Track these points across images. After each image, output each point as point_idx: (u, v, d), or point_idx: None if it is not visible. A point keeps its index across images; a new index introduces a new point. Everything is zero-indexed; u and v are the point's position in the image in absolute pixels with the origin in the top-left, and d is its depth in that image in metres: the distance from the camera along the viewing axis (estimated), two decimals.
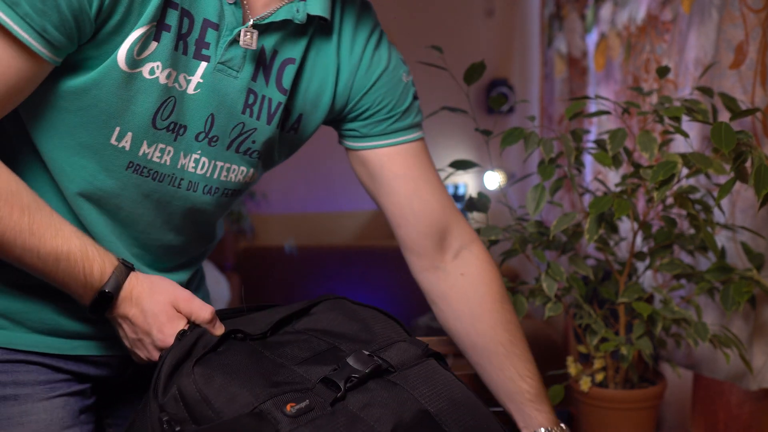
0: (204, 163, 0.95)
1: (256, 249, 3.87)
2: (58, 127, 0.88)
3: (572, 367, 1.52)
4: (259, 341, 0.90)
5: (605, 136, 1.42)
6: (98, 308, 0.89)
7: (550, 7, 3.10)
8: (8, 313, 0.94)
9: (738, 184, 1.30)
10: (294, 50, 0.96)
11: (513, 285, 1.52)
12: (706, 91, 1.45)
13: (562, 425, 1.11)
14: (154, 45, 0.85)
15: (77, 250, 0.86)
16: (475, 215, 1.62)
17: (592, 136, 2.35)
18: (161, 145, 0.91)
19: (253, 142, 0.97)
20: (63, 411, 0.97)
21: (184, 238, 1.02)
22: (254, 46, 0.90)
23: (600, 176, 2.26)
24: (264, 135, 0.97)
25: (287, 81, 0.96)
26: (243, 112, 0.94)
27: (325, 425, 0.78)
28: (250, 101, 0.94)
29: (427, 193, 1.08)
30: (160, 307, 0.90)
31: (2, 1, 0.76)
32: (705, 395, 1.76)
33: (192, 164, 0.94)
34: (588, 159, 2.37)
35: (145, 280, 0.91)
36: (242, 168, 0.99)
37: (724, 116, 1.42)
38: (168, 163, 0.92)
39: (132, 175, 0.91)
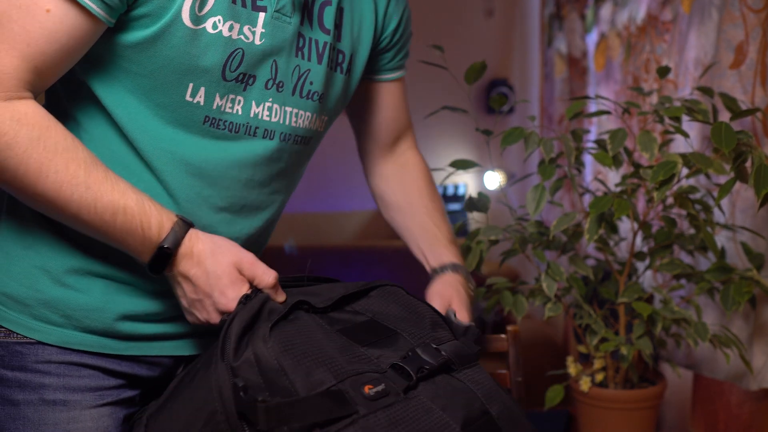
0: (276, 110, 0.97)
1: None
2: (135, 92, 0.89)
3: (572, 367, 1.52)
4: (322, 315, 0.89)
5: (605, 136, 1.42)
6: (157, 265, 0.87)
7: (550, 7, 3.10)
8: (65, 311, 0.94)
9: (738, 184, 1.30)
10: None
11: (513, 285, 1.52)
12: (706, 91, 1.45)
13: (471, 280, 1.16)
14: (211, 1, 0.87)
15: (134, 205, 0.85)
16: (475, 215, 1.62)
17: (592, 136, 2.35)
18: (232, 96, 0.93)
19: (311, 83, 1.00)
20: (109, 419, 0.96)
21: (265, 194, 1.02)
22: None
23: (600, 176, 2.26)
24: (318, 75, 1.00)
25: (328, 21, 1.00)
26: (296, 55, 0.97)
27: (401, 412, 0.78)
28: (301, 44, 0.98)
29: (403, 116, 1.24)
30: (222, 269, 0.88)
31: None
32: (705, 395, 1.76)
33: (266, 112, 0.96)
34: (588, 159, 2.37)
35: (207, 238, 0.89)
36: (307, 113, 1.01)
37: (724, 116, 1.42)
38: (240, 113, 0.94)
39: (210, 129, 0.93)
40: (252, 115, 0.95)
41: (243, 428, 0.76)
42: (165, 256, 0.86)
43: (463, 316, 1.05)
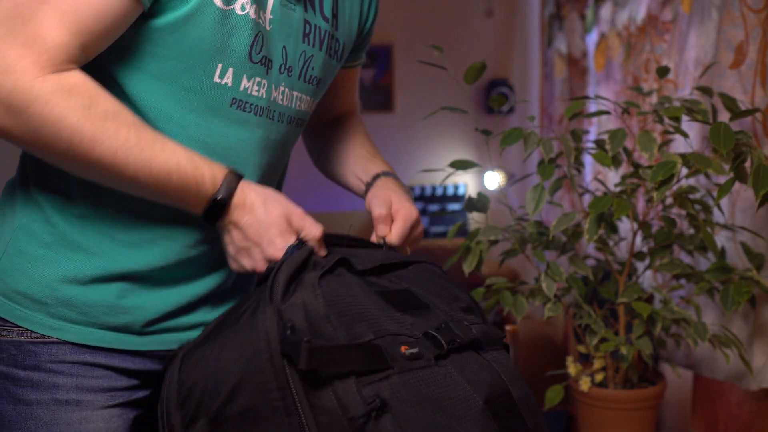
0: (287, 94, 1.00)
1: None
2: (162, 78, 0.90)
3: (572, 367, 1.52)
4: (361, 277, 0.91)
5: (605, 136, 1.42)
6: (211, 216, 0.90)
7: (550, 7, 3.10)
8: (83, 308, 0.94)
9: (737, 184, 1.30)
10: None
11: (513, 285, 1.52)
12: (706, 91, 1.45)
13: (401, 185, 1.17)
14: None
15: (186, 162, 0.87)
16: (475, 215, 1.62)
17: (591, 136, 2.35)
18: (257, 79, 0.95)
19: (313, 68, 1.03)
20: (120, 420, 0.97)
21: (274, 178, 1.06)
22: None
23: (600, 176, 2.26)
24: (319, 61, 1.04)
25: (327, 10, 1.03)
26: (303, 41, 1.00)
27: (431, 377, 0.81)
28: (307, 30, 1.00)
29: (354, 97, 1.28)
30: (273, 219, 0.91)
31: None
32: (705, 395, 1.76)
33: (281, 96, 0.99)
34: (588, 159, 2.37)
35: (258, 189, 0.92)
36: (307, 97, 1.05)
37: (724, 116, 1.42)
38: (264, 96, 0.97)
39: (236, 112, 0.94)
40: (272, 99, 0.98)
41: (284, 367, 0.78)
42: (219, 207, 0.89)
43: (404, 214, 1.09)
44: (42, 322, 0.93)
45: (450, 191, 4.22)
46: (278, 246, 0.90)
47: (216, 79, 0.91)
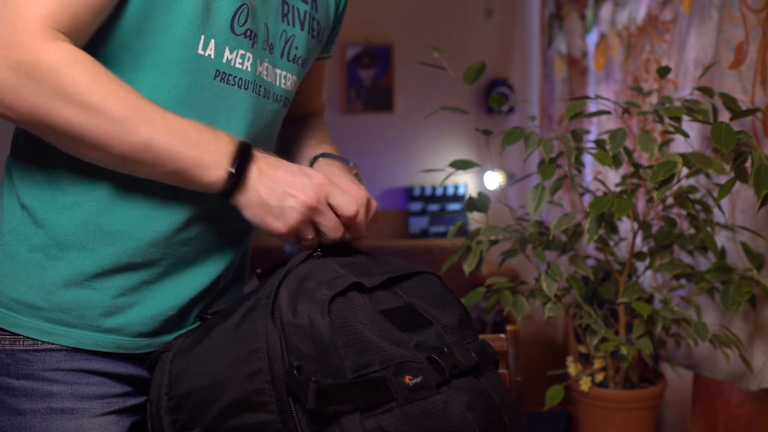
0: (271, 71, 0.99)
1: (256, 249, 3.86)
2: (149, 51, 0.89)
3: (572, 367, 1.52)
4: (368, 295, 0.89)
5: (605, 136, 1.42)
6: (242, 163, 0.87)
7: (550, 7, 3.10)
8: (79, 311, 0.92)
9: (738, 184, 1.30)
10: None
11: (513, 285, 1.52)
12: (706, 91, 1.45)
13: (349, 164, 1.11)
14: None
15: (199, 123, 0.87)
16: (475, 215, 1.62)
17: (592, 136, 2.35)
18: (241, 51, 0.94)
19: (296, 48, 1.03)
20: (116, 427, 0.95)
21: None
22: None
23: (600, 176, 2.26)
24: (301, 41, 1.03)
25: None
26: (282, 20, 1.00)
27: (432, 406, 0.81)
28: (285, 11, 1.00)
29: (321, 93, 1.27)
30: (307, 175, 0.90)
31: None
32: (705, 395, 1.76)
33: (266, 72, 0.98)
34: (588, 159, 2.37)
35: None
36: (293, 76, 1.04)
37: (725, 116, 1.42)
38: (249, 69, 0.95)
39: (220, 85, 0.93)
40: (257, 72, 0.96)
41: (286, 397, 0.78)
42: (244, 152, 0.87)
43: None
44: (38, 328, 0.91)
45: (450, 191, 4.22)
46: (322, 177, 0.90)
47: (200, 50, 0.90)
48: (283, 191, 0.88)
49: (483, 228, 1.50)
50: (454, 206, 4.18)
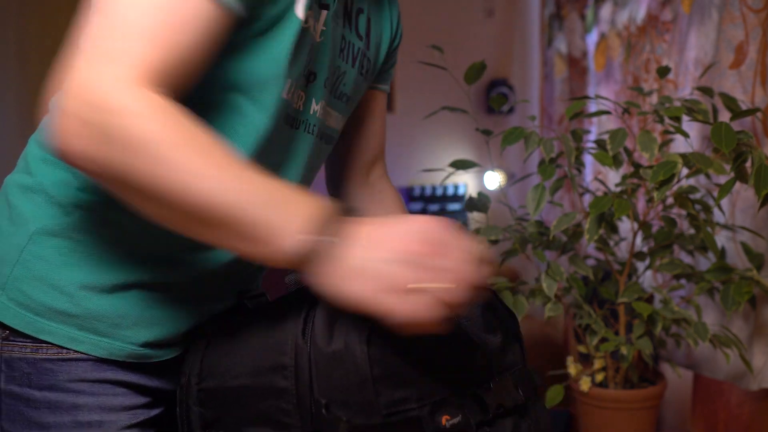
0: (323, 108, 0.96)
1: None
2: (235, 89, 0.84)
3: (572, 367, 1.52)
4: None
5: (605, 136, 1.42)
6: (327, 221, 0.71)
7: (550, 7, 3.10)
8: (115, 319, 0.88)
9: (738, 184, 1.30)
10: (361, 1, 1.01)
11: (513, 285, 1.52)
12: (706, 91, 1.45)
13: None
14: None
15: (277, 182, 0.73)
16: (475, 215, 1.62)
17: (592, 136, 2.35)
18: (300, 92, 0.91)
19: (344, 84, 0.99)
20: None
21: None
22: None
23: (600, 176, 2.26)
24: (350, 78, 1.00)
25: (362, 28, 1.00)
26: (339, 56, 0.96)
27: None
28: (343, 46, 0.96)
29: (383, 132, 1.21)
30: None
31: None
32: (705, 395, 1.76)
33: (321, 110, 0.95)
34: (588, 159, 2.37)
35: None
36: (339, 115, 1.02)
37: (724, 116, 1.42)
38: (301, 108, 0.92)
39: (284, 126, 0.90)
40: (312, 112, 0.93)
41: (311, 419, 0.74)
42: (334, 211, 0.72)
43: None
44: (70, 335, 0.87)
45: (450, 191, 4.22)
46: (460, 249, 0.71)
47: (285, 95, 0.85)
48: (414, 252, 0.71)
49: (483, 228, 1.50)
50: (454, 206, 4.18)
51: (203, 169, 0.70)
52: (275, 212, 0.71)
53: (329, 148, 1.04)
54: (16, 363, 0.87)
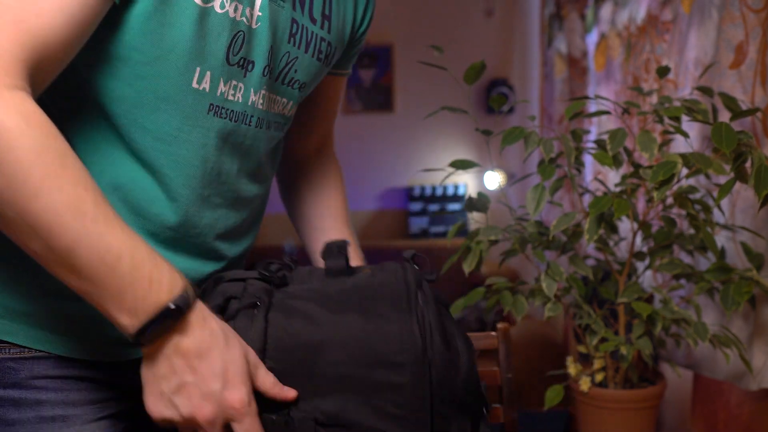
0: (267, 97, 0.94)
1: (256, 249, 3.85)
2: (135, 85, 0.81)
3: (572, 367, 1.52)
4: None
5: (605, 136, 1.42)
6: (154, 328, 0.71)
7: (550, 7, 3.10)
8: (75, 317, 0.87)
9: (738, 184, 1.30)
10: None
11: (513, 285, 1.52)
12: (706, 91, 1.45)
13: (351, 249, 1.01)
14: None
15: (146, 253, 0.71)
16: (475, 215, 1.62)
17: (592, 136, 2.35)
18: (234, 82, 0.88)
19: (296, 71, 0.97)
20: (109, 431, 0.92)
21: (256, 187, 0.99)
22: None
23: (600, 176, 2.26)
24: (303, 64, 0.97)
25: (316, 11, 0.97)
26: (288, 41, 0.93)
27: None
28: (293, 30, 0.93)
29: (334, 114, 1.21)
30: (234, 355, 0.74)
31: None
32: (705, 395, 1.76)
33: (261, 100, 0.92)
34: (588, 159, 2.37)
35: (219, 319, 0.77)
36: (289, 102, 0.99)
37: (724, 116, 1.42)
38: (240, 100, 0.89)
39: (213, 119, 0.87)
40: (250, 103, 0.91)
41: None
42: (167, 318, 0.71)
43: None
44: (32, 335, 0.87)
45: (450, 191, 4.22)
46: (241, 394, 0.72)
47: (194, 84, 0.84)
48: (197, 382, 0.73)
49: (483, 228, 1.50)
50: (454, 206, 4.19)
51: (66, 215, 0.68)
52: (145, 272, 0.71)
53: (279, 134, 1.01)
54: None
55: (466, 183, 4.22)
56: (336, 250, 0.91)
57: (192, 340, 0.73)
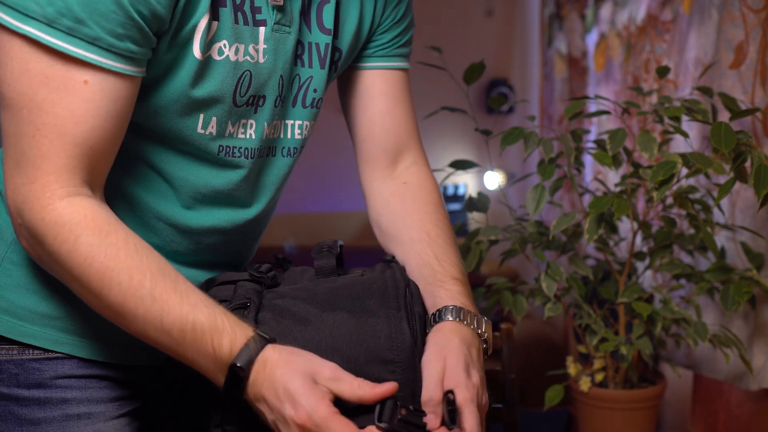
0: (281, 126, 0.94)
1: (257, 249, 3.85)
2: (146, 133, 0.85)
3: (572, 367, 1.52)
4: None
5: (605, 136, 1.42)
6: (232, 388, 0.77)
7: (550, 7, 3.10)
8: (92, 321, 0.89)
9: (738, 184, 1.30)
10: None
11: (513, 285, 1.52)
12: (706, 91, 1.45)
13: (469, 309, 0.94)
14: (215, 25, 0.82)
15: (205, 320, 0.77)
16: (475, 215, 1.62)
17: (592, 136, 2.35)
18: (244, 121, 0.89)
19: (315, 90, 0.95)
20: (129, 428, 0.94)
21: (266, 210, 1.00)
22: None
23: (600, 176, 2.26)
24: (320, 80, 0.95)
25: (328, 20, 0.94)
26: (295, 64, 0.92)
27: None
28: (299, 52, 0.93)
29: (400, 115, 1.08)
30: (292, 377, 0.76)
31: (82, 41, 0.73)
32: (705, 395, 1.76)
33: (274, 131, 0.93)
34: (588, 159, 2.37)
35: (283, 349, 0.78)
36: (307, 122, 0.97)
37: (724, 116, 1.42)
38: (253, 136, 0.90)
39: (225, 159, 0.89)
40: (264, 136, 0.91)
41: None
42: (237, 377, 0.76)
43: (461, 398, 0.82)
44: (52, 338, 0.89)
45: (450, 191, 4.22)
46: (303, 410, 0.75)
47: (199, 130, 0.86)
48: (276, 419, 0.78)
49: (483, 228, 1.50)
50: (454, 206, 4.18)
51: (128, 307, 0.76)
52: (207, 341, 0.77)
53: (296, 158, 1.00)
54: (3, 366, 0.89)
55: (466, 183, 4.22)
56: (326, 249, 0.94)
57: (259, 385, 0.77)
